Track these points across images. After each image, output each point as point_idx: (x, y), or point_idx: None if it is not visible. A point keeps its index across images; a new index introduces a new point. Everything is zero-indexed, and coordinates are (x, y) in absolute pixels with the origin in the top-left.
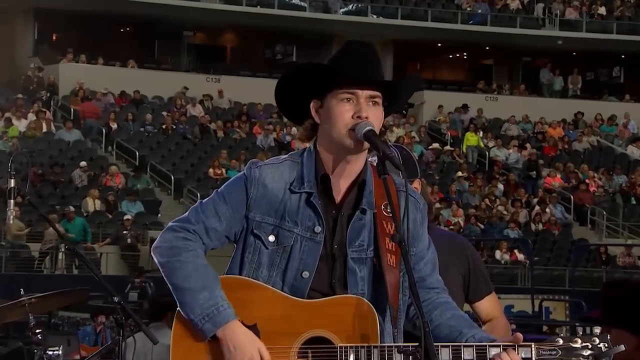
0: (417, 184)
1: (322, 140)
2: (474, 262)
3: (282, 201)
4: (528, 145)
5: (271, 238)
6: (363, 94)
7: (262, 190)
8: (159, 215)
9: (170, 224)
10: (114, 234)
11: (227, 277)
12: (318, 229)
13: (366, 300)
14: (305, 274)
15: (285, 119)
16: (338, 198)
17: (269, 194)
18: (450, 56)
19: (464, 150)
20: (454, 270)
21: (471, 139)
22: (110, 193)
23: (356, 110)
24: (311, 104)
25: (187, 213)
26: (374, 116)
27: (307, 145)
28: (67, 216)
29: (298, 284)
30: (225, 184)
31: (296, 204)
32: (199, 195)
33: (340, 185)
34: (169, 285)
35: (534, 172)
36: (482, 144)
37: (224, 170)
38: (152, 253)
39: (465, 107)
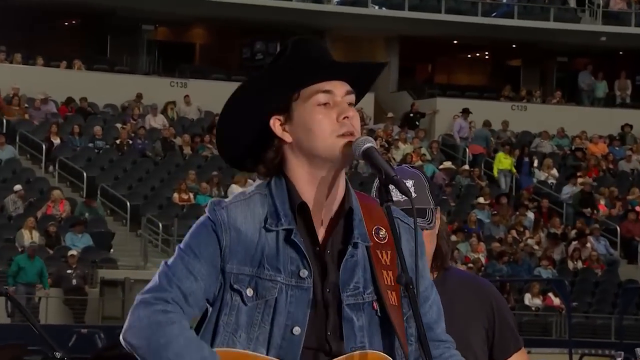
0: (439, 214)
1: (295, 162)
2: (500, 313)
3: (258, 245)
4: (580, 172)
5: (249, 292)
6: (341, 89)
7: (235, 234)
8: (112, 250)
9: (139, 297)
10: (55, 274)
11: (222, 352)
12: (304, 272)
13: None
14: (297, 330)
15: None
16: (322, 232)
17: (243, 238)
18: (469, 56)
19: (496, 174)
20: (476, 322)
21: (504, 161)
22: (51, 223)
23: (339, 111)
24: (272, 123)
25: (155, 280)
26: (354, 120)
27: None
28: (28, 252)
29: (288, 344)
30: (186, 236)
31: (274, 245)
32: (160, 226)
33: (324, 215)
34: None
35: (589, 208)
36: (514, 170)
37: (191, 195)
38: (122, 339)
39: (465, 111)
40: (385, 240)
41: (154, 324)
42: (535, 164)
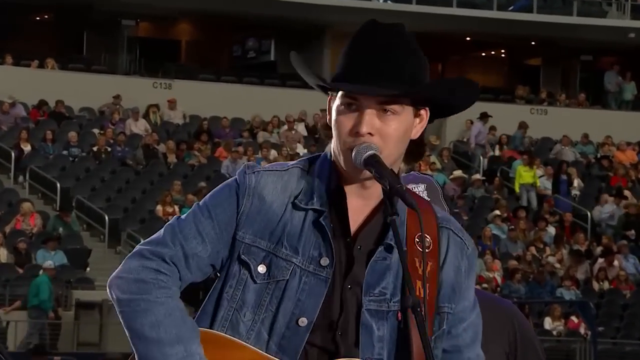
0: None
1: (334, 146)
2: (523, 335)
3: (281, 220)
4: (628, 193)
5: (261, 268)
6: (367, 99)
7: (257, 203)
8: (88, 269)
9: (138, 247)
10: (25, 296)
11: (208, 334)
12: (325, 261)
13: None
14: (303, 322)
15: (259, 139)
16: (356, 224)
17: (266, 209)
18: (484, 54)
19: (517, 189)
20: (494, 346)
21: (525, 174)
22: (21, 239)
23: (355, 122)
24: (329, 98)
25: (160, 232)
26: (386, 128)
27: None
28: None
29: (291, 334)
30: (209, 193)
31: (299, 225)
32: (142, 242)
33: (361, 207)
34: (129, 333)
35: (633, 231)
36: (538, 182)
37: (176, 208)
38: (108, 287)
39: (484, 115)
40: (428, 250)
41: (141, 281)
42: (575, 183)
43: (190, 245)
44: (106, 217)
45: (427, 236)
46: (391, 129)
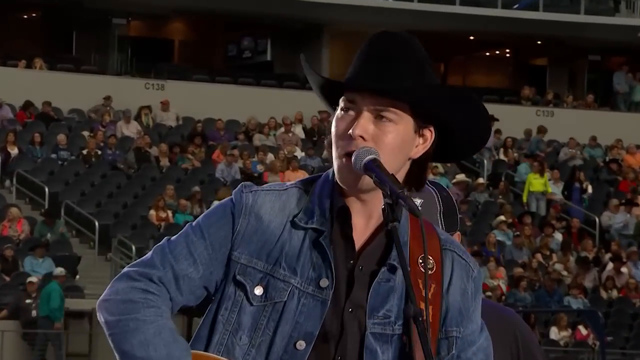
0: (456, 238)
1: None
2: (526, 346)
3: (279, 240)
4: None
5: (258, 290)
6: (364, 102)
7: (254, 222)
8: (78, 276)
9: (125, 269)
10: (13, 304)
11: (194, 354)
12: (325, 282)
13: None
14: (301, 345)
15: (255, 142)
16: (359, 243)
17: (264, 229)
18: (488, 54)
19: (525, 199)
20: (496, 357)
21: (535, 182)
22: (7, 246)
23: (350, 125)
24: (332, 112)
25: (148, 254)
26: (382, 136)
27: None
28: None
29: (289, 358)
30: (203, 214)
31: (298, 244)
32: (134, 248)
33: (363, 227)
34: (118, 355)
35: None
36: (549, 189)
37: (169, 213)
38: (97, 309)
39: (491, 118)
40: (431, 273)
41: (129, 302)
42: (590, 190)
43: (180, 266)
44: (96, 223)
45: (430, 258)
46: (386, 137)
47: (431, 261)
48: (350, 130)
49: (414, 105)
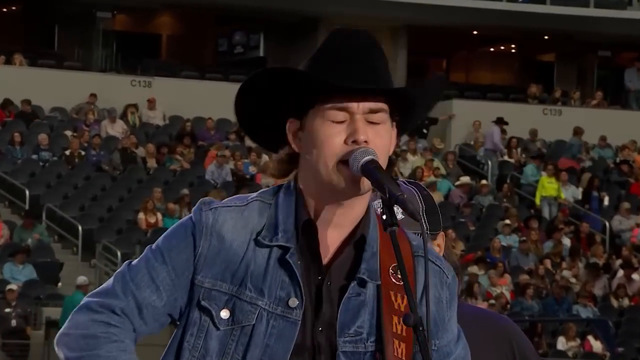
0: (440, 240)
1: (304, 175)
2: (522, 356)
3: (243, 260)
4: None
5: (224, 314)
6: (359, 107)
7: (216, 243)
8: (60, 284)
9: (85, 300)
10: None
11: None
12: (294, 302)
13: None
14: None
15: (247, 142)
16: (326, 257)
17: (227, 249)
18: (492, 49)
19: (538, 202)
20: None
21: (548, 186)
22: None
23: (350, 132)
24: (287, 125)
25: (110, 282)
26: (377, 139)
27: (282, 181)
28: None
29: None
30: (163, 235)
31: (263, 263)
32: (119, 254)
33: (330, 239)
34: None
35: None
36: (562, 194)
37: (158, 217)
38: (56, 345)
39: (500, 121)
40: (403, 283)
41: (90, 337)
42: (607, 200)
43: (143, 294)
44: (79, 228)
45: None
46: (381, 139)
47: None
48: (355, 136)
49: (399, 102)
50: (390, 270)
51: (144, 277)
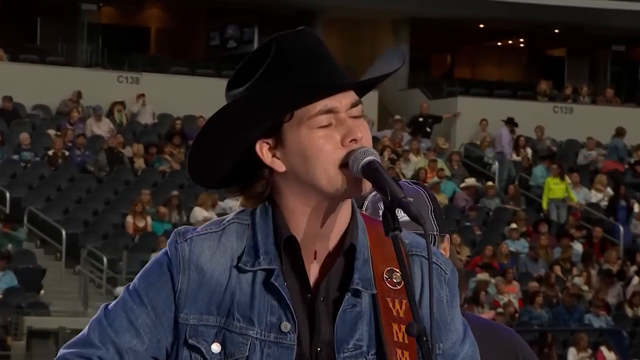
0: (445, 244)
1: (287, 192)
2: None
3: (227, 289)
4: None
5: (215, 347)
6: (343, 105)
7: (195, 276)
8: (42, 291)
9: (61, 351)
10: None
11: None
12: (286, 326)
13: None
14: None
15: None
16: (315, 272)
17: (208, 280)
18: (499, 44)
19: (545, 206)
20: None
21: (555, 188)
22: None
23: (344, 132)
24: (259, 149)
25: (85, 331)
26: (366, 135)
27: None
28: None
29: None
30: (139, 274)
31: (249, 289)
32: (105, 260)
33: (318, 253)
34: None
35: None
36: (573, 197)
37: (148, 221)
38: None
39: (510, 122)
40: (400, 286)
41: None
42: (637, 208)
43: (123, 340)
44: (63, 232)
45: (397, 270)
46: (367, 135)
47: (398, 274)
48: (352, 135)
49: (365, 90)
50: (385, 275)
51: (122, 321)
